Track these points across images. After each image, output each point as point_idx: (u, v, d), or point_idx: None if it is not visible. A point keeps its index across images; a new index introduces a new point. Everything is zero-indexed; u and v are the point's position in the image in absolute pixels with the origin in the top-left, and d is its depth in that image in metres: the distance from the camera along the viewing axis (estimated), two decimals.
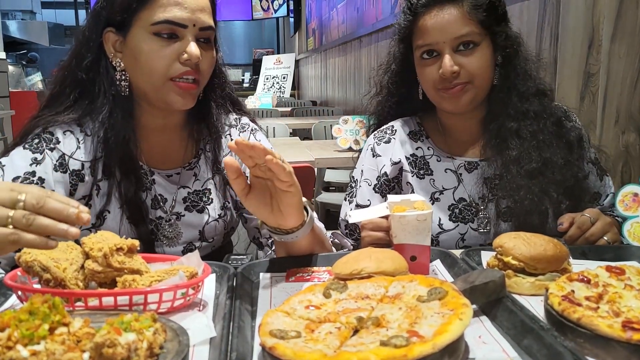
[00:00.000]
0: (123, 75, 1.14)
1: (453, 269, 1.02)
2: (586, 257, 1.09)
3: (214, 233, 1.28)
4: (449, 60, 1.23)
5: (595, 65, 1.69)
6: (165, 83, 1.11)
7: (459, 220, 1.32)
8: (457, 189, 1.34)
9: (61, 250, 0.87)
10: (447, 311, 0.70)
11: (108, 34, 1.14)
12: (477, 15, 1.23)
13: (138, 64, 1.11)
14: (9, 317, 0.62)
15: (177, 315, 0.82)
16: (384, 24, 4.24)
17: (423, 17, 1.26)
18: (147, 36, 1.10)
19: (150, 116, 1.21)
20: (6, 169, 1.12)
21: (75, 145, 1.17)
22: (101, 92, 1.14)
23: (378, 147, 1.42)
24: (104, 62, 1.15)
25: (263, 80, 9.45)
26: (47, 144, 1.15)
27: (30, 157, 1.13)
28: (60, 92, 1.18)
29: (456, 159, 1.37)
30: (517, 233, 0.98)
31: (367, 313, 0.75)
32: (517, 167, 1.25)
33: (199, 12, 1.11)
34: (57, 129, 1.16)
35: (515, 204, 1.25)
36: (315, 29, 7.99)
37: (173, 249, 1.23)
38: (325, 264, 1.04)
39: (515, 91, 1.28)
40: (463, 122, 1.36)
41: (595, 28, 1.68)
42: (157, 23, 1.08)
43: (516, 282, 0.92)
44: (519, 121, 1.27)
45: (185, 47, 1.10)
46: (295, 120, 4.97)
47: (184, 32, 1.10)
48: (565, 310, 0.75)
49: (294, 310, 0.77)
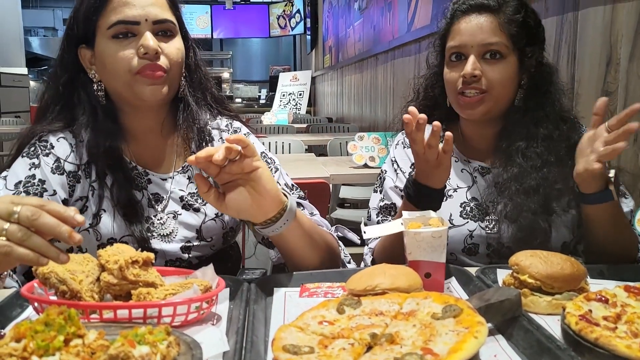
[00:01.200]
0: (100, 86, 1.21)
1: (468, 286, 1.01)
2: (604, 277, 1.08)
3: (212, 232, 1.28)
4: (473, 62, 1.28)
5: (613, 83, 1.68)
6: (132, 78, 1.15)
7: (469, 218, 1.35)
8: (470, 189, 1.39)
9: (77, 263, 0.88)
10: (462, 329, 0.69)
11: (82, 51, 1.21)
12: (509, 29, 1.27)
13: (106, 68, 1.17)
14: (25, 327, 0.63)
15: (190, 329, 0.83)
16: (400, 41, 4.26)
17: (459, 21, 1.32)
18: (107, 41, 1.15)
19: (133, 119, 1.25)
20: (8, 178, 1.18)
21: (69, 149, 1.23)
22: (80, 104, 1.22)
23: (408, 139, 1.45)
24: (82, 77, 1.22)
25: (279, 97, 9.52)
26: (42, 150, 1.22)
27: (28, 162, 1.19)
28: (46, 107, 1.26)
29: (472, 162, 1.42)
30: (534, 251, 0.97)
31: (381, 329, 0.74)
32: (516, 185, 1.28)
33: (150, 7, 1.16)
34: (51, 136, 1.23)
35: (514, 216, 1.28)
36: (332, 46, 8.05)
37: (170, 245, 1.23)
38: (339, 280, 1.04)
39: (532, 115, 1.32)
40: (480, 132, 1.41)
41: (613, 47, 1.68)
42: (112, 26, 1.14)
43: (532, 300, 0.91)
44: (528, 141, 1.31)
45: (140, 42, 1.14)
46: (311, 137, 4.98)
47: (139, 29, 1.15)
48: (583, 330, 0.74)
49: (307, 326, 0.77)
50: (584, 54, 1.82)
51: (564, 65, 1.92)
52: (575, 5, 1.88)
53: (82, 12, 1.18)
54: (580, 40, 1.85)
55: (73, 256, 0.91)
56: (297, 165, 2.91)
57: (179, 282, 0.90)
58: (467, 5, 1.32)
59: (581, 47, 1.84)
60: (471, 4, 1.31)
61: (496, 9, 1.29)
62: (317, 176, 2.50)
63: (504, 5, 1.29)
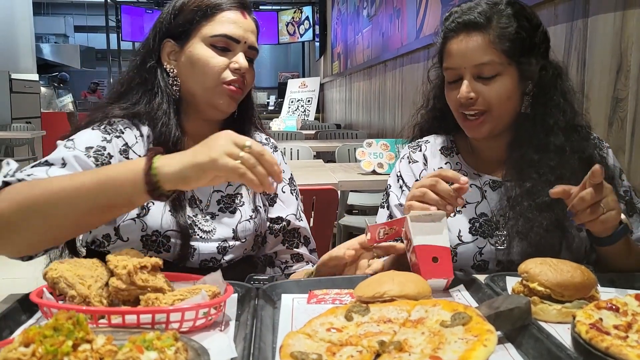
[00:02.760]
0: (175, 81, 1.28)
1: (477, 294, 1.00)
2: (614, 285, 1.07)
3: (246, 232, 1.34)
4: (467, 86, 1.25)
5: (623, 90, 1.67)
6: (217, 86, 1.25)
7: (479, 234, 1.32)
8: (479, 204, 1.36)
9: (86, 267, 0.89)
10: (471, 337, 0.69)
11: (166, 44, 1.29)
12: (500, 45, 1.23)
13: (194, 69, 1.25)
14: (34, 332, 0.63)
15: (198, 335, 0.82)
16: (408, 48, 4.26)
17: (451, 41, 1.28)
18: (204, 46, 1.25)
19: (193, 123, 1.32)
20: (76, 141, 1.20)
21: (134, 140, 1.27)
22: (159, 92, 1.28)
23: (413, 154, 1.46)
24: (161, 68, 1.30)
25: (288, 103, 9.54)
26: (114, 132, 1.25)
27: (101, 135, 1.23)
28: (128, 89, 1.31)
29: (482, 176, 1.39)
30: (544, 259, 0.96)
31: (390, 337, 0.74)
32: (528, 200, 1.25)
33: (250, 33, 1.28)
34: (119, 124, 1.27)
35: (525, 232, 1.25)
36: (341, 53, 8.07)
37: (208, 244, 1.28)
38: (347, 286, 1.03)
39: (542, 122, 1.28)
40: (490, 144, 1.37)
41: (623, 54, 1.67)
42: (216, 36, 1.25)
43: (542, 309, 0.90)
44: (540, 154, 1.27)
45: (235, 58, 1.25)
46: (319, 143, 4.98)
47: (236, 47, 1.26)
48: (593, 338, 0.73)
49: (315, 333, 0.77)
50: (594, 61, 1.82)
51: (574, 72, 1.91)
52: (584, 12, 1.87)
53: (185, 13, 1.27)
54: (590, 47, 1.84)
55: (82, 261, 0.91)
56: (305, 172, 2.91)
57: (188, 288, 0.90)
58: (455, 23, 1.27)
59: (591, 54, 1.83)
60: (459, 21, 1.26)
61: (485, 25, 1.24)
62: (325, 182, 2.50)
63: (493, 19, 1.24)
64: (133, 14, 10.44)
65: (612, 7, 1.72)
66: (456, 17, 1.28)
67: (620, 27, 1.68)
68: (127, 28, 10.34)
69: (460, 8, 1.30)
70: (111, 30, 10.46)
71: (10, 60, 7.90)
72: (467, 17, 1.26)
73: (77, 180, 0.96)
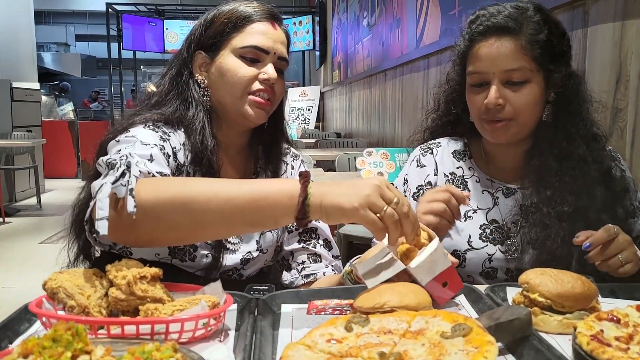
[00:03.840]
0: (206, 92, 1.30)
1: (478, 304, 1.00)
2: (615, 296, 1.07)
3: (269, 244, 1.35)
4: (495, 92, 1.23)
5: (623, 100, 1.68)
6: (244, 96, 1.26)
7: (489, 241, 1.31)
8: (491, 210, 1.34)
9: (86, 278, 0.89)
10: (471, 348, 0.69)
11: (197, 55, 1.31)
12: (532, 51, 1.21)
13: (223, 79, 1.27)
14: (33, 343, 0.63)
15: (198, 346, 0.82)
16: (408, 57, 4.27)
17: (479, 45, 1.25)
18: (233, 57, 1.27)
19: (223, 133, 1.33)
20: (140, 137, 1.16)
21: (179, 146, 1.26)
22: (193, 103, 1.28)
23: (423, 157, 1.44)
24: (193, 79, 1.31)
25: (288, 112, 9.55)
26: (164, 134, 1.23)
27: (156, 135, 1.21)
28: (161, 100, 1.31)
29: (495, 182, 1.37)
30: (544, 269, 0.96)
31: (390, 348, 0.73)
32: (548, 207, 1.23)
33: (279, 44, 1.30)
34: (163, 127, 1.25)
35: (539, 241, 1.23)
36: (341, 62, 8.09)
37: (234, 255, 1.30)
38: (347, 297, 1.03)
39: (564, 131, 1.26)
40: (506, 151, 1.35)
41: (622, 63, 1.67)
42: (245, 47, 1.27)
43: (543, 319, 0.90)
44: (561, 162, 1.25)
45: (264, 69, 1.27)
46: (320, 152, 4.98)
47: (265, 57, 1.28)
48: (595, 350, 0.73)
49: (315, 344, 0.76)
50: (593, 71, 1.82)
51: None
52: (584, 22, 1.88)
53: (217, 25, 1.29)
54: (589, 57, 1.84)
55: (81, 271, 0.91)
56: None
57: (187, 298, 0.90)
58: (484, 26, 1.24)
59: (590, 64, 1.84)
60: (489, 25, 1.24)
61: (516, 30, 1.22)
62: None
63: (524, 25, 1.22)
64: (134, 23, 10.47)
65: (611, 17, 1.73)
66: (484, 20, 1.25)
67: (620, 37, 1.68)
68: (128, 37, 10.36)
69: (487, 11, 1.27)
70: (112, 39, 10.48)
71: (11, 69, 7.91)
72: (497, 20, 1.23)
73: (229, 189, 0.94)
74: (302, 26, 10.28)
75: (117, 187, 0.93)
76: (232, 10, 1.29)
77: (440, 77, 1.48)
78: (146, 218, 0.92)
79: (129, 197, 0.91)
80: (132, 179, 0.94)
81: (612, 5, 1.72)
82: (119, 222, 0.92)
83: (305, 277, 1.38)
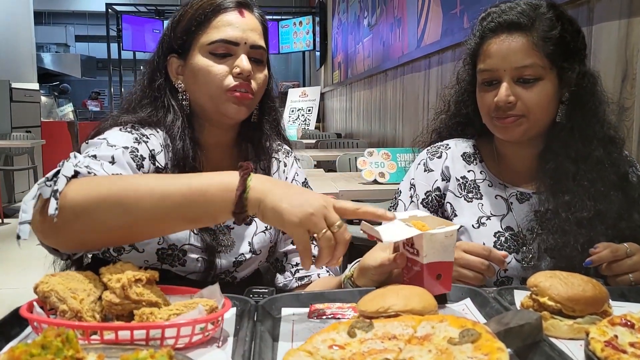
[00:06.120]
0: (184, 96, 1.25)
1: (485, 308, 0.96)
2: (626, 299, 1.03)
3: (262, 244, 1.32)
4: (506, 89, 1.20)
5: (629, 99, 1.65)
6: (221, 94, 1.20)
7: (504, 249, 1.26)
8: (505, 217, 1.29)
9: (79, 281, 0.86)
10: (481, 355, 0.66)
11: (171, 60, 1.26)
12: (544, 48, 1.18)
13: (197, 80, 1.22)
14: (21, 351, 0.60)
15: (195, 352, 0.79)
16: (409, 57, 4.25)
17: (489, 41, 1.23)
18: (204, 55, 1.21)
19: (207, 133, 1.29)
20: (110, 139, 1.14)
21: (159, 148, 1.22)
22: (171, 110, 1.24)
23: (431, 161, 1.39)
24: (169, 84, 1.27)
25: (288, 113, 9.54)
26: (141, 136, 1.20)
27: (131, 137, 1.18)
28: (137, 107, 1.26)
29: (508, 187, 1.33)
30: (554, 272, 0.93)
31: (395, 355, 0.70)
32: (567, 213, 1.20)
33: (250, 32, 1.23)
34: (143, 129, 1.22)
35: (557, 248, 1.20)
36: (341, 62, 8.07)
37: (229, 258, 1.26)
38: (349, 300, 1.00)
39: (580, 132, 1.22)
40: (519, 152, 1.32)
41: (629, 62, 1.65)
42: (213, 43, 1.20)
43: (553, 324, 0.87)
44: (578, 165, 1.22)
45: (236, 62, 1.20)
46: (320, 152, 4.96)
47: (237, 50, 1.21)
48: (610, 357, 0.70)
49: (316, 350, 0.73)
50: (599, 69, 1.78)
51: None
52: (589, 20, 1.85)
53: (183, 24, 1.24)
54: (594, 55, 1.82)
55: (74, 274, 0.88)
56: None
57: (184, 302, 0.87)
58: (495, 23, 1.22)
59: (596, 62, 1.81)
60: (500, 22, 1.21)
61: (528, 26, 1.19)
62: (326, 192, 2.47)
63: (537, 21, 1.19)
64: (134, 24, 10.47)
65: (617, 15, 1.70)
66: (495, 16, 1.23)
67: (626, 35, 1.66)
68: (128, 37, 10.36)
69: (499, 8, 1.25)
70: (112, 40, 10.48)
71: (10, 69, 7.89)
72: (508, 16, 1.21)
73: (164, 185, 0.91)
74: (302, 26, 10.28)
75: (43, 188, 0.90)
76: (196, 5, 1.23)
77: (442, 77, 1.45)
78: (75, 219, 0.89)
79: (52, 199, 0.88)
80: (61, 180, 0.90)
81: (617, 3, 1.70)
82: (47, 224, 0.89)
83: (299, 279, 1.35)
